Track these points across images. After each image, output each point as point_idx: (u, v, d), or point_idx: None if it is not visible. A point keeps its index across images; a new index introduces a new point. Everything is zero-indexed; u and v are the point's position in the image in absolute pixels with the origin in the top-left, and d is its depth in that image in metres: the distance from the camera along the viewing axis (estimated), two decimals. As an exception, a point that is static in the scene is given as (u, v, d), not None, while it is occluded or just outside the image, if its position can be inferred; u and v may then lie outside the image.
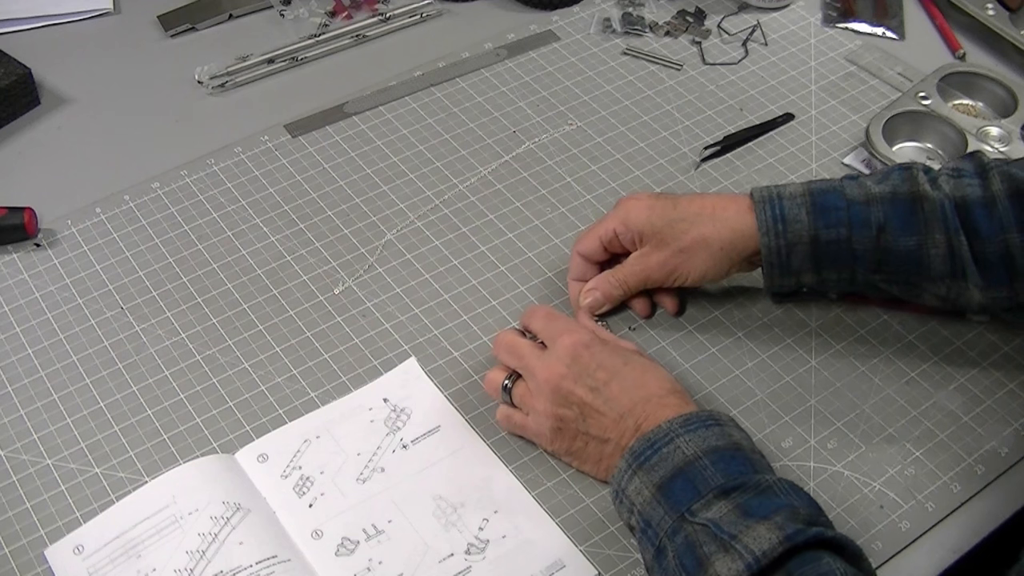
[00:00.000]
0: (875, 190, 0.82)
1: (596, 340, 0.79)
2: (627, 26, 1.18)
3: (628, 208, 0.86)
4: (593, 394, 0.76)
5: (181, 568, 0.74)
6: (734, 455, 0.71)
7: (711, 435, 0.72)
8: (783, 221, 0.82)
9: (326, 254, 0.95)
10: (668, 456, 0.71)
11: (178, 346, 0.88)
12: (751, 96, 1.11)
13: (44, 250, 0.95)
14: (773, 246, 0.83)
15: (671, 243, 0.85)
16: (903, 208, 0.81)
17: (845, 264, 0.83)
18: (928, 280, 0.82)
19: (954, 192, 0.81)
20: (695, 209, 0.85)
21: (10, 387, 0.85)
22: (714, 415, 0.74)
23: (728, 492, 0.68)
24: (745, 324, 0.90)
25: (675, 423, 0.72)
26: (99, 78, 1.12)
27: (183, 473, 0.79)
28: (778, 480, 0.70)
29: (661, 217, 0.85)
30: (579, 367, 0.77)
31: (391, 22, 1.18)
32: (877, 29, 1.18)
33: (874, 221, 0.81)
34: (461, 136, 1.06)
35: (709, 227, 0.84)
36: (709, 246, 0.84)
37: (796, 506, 0.68)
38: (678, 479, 0.70)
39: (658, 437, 0.72)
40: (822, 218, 0.82)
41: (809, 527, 0.66)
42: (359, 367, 0.87)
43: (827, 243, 0.82)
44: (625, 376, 0.77)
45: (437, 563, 0.75)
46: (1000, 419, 0.84)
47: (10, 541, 0.76)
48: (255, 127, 1.06)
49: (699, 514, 0.68)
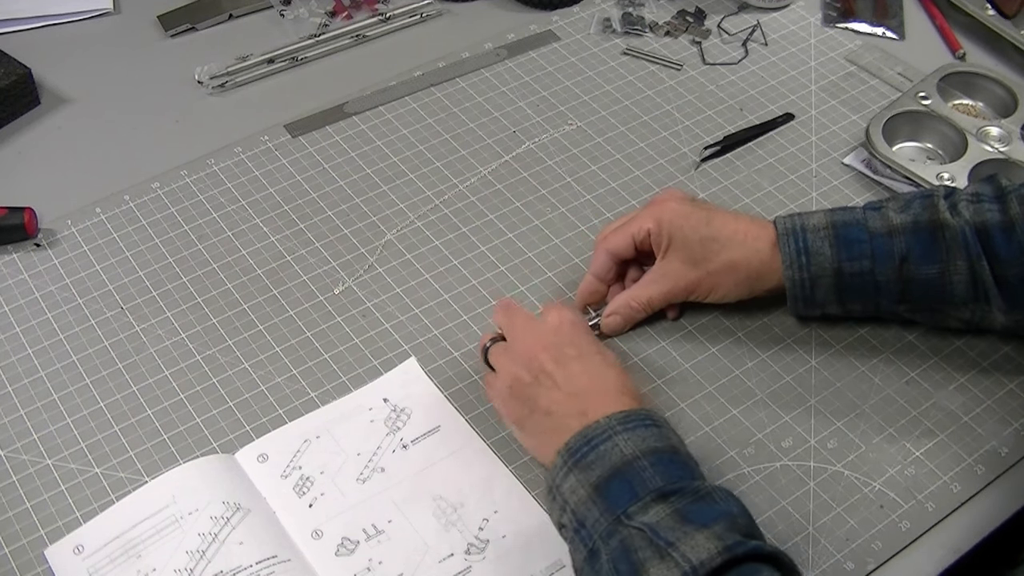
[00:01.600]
0: (896, 221, 0.82)
1: (583, 323, 0.81)
2: (627, 26, 1.18)
3: (664, 209, 0.86)
4: (555, 364, 0.76)
5: (181, 568, 0.74)
6: (672, 458, 0.70)
7: (650, 436, 0.71)
8: (807, 254, 0.83)
9: (326, 254, 0.95)
10: (606, 454, 0.70)
11: (178, 346, 0.88)
12: (751, 96, 1.11)
13: (44, 250, 0.95)
14: (797, 279, 0.83)
15: (700, 263, 0.85)
16: (924, 237, 0.81)
17: (869, 296, 0.84)
18: (951, 306, 0.83)
19: (974, 218, 0.81)
20: (728, 231, 0.84)
21: (10, 387, 0.85)
22: (652, 415, 0.73)
23: (667, 496, 0.67)
24: (745, 324, 0.90)
25: (614, 419, 0.72)
26: (99, 78, 1.12)
27: (183, 473, 0.79)
28: (716, 487, 0.69)
29: (695, 231, 0.84)
30: (556, 336, 0.78)
31: (391, 22, 1.18)
32: (877, 29, 1.18)
33: (897, 252, 0.82)
34: (461, 136, 1.06)
35: (739, 253, 0.84)
36: (736, 272, 0.85)
37: (735, 515, 0.67)
38: (615, 479, 0.69)
39: (596, 434, 0.71)
40: (845, 251, 0.82)
41: (748, 539, 0.65)
42: (359, 367, 0.87)
43: (851, 276, 0.82)
44: (591, 361, 0.77)
45: (437, 563, 0.75)
46: (1000, 419, 0.84)
47: (10, 541, 0.76)
48: (255, 127, 1.06)
49: (636, 517, 0.67)
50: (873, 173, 1.01)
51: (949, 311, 0.84)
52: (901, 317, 0.86)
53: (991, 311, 0.82)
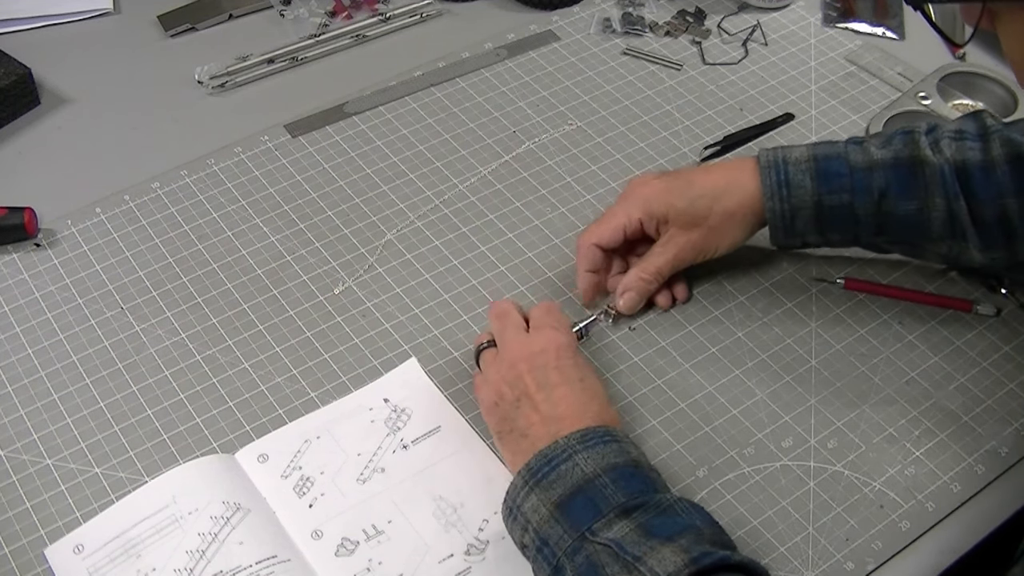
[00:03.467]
0: (877, 156, 0.83)
1: (572, 348, 0.79)
2: (627, 26, 1.18)
3: (644, 195, 0.86)
4: (537, 388, 0.76)
5: (181, 568, 0.74)
6: (634, 473, 0.70)
7: (610, 452, 0.71)
8: (788, 186, 0.84)
9: (326, 254, 0.95)
10: (566, 473, 0.70)
11: (178, 346, 0.88)
12: (751, 96, 1.11)
13: (44, 250, 0.95)
14: (778, 210, 0.84)
15: (700, 222, 0.85)
16: (904, 173, 0.82)
17: (848, 227, 0.85)
18: (929, 241, 0.84)
19: (955, 156, 0.82)
20: (711, 184, 0.86)
21: (10, 387, 0.85)
22: (611, 431, 0.73)
23: (630, 511, 0.67)
24: (745, 324, 0.90)
25: (573, 438, 0.71)
26: (99, 78, 1.12)
27: (183, 473, 0.79)
28: (678, 499, 0.69)
29: (681, 197, 0.85)
30: (542, 359, 0.77)
31: (391, 22, 1.18)
32: (877, 29, 1.18)
33: (876, 187, 0.83)
34: (461, 136, 1.06)
35: (731, 200, 0.85)
36: (734, 218, 0.86)
37: (700, 527, 0.67)
38: (578, 497, 0.69)
39: (555, 453, 0.71)
40: (825, 184, 0.83)
41: (716, 550, 0.65)
42: (359, 367, 0.87)
43: (830, 208, 0.84)
44: (574, 389, 0.76)
45: (437, 563, 0.75)
46: (1000, 419, 0.84)
47: (10, 541, 0.76)
48: (255, 127, 1.06)
49: (600, 533, 0.66)
50: (873, 173, 1.01)
51: (926, 245, 0.85)
52: (880, 248, 0.88)
53: (968, 248, 0.83)
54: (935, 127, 0.85)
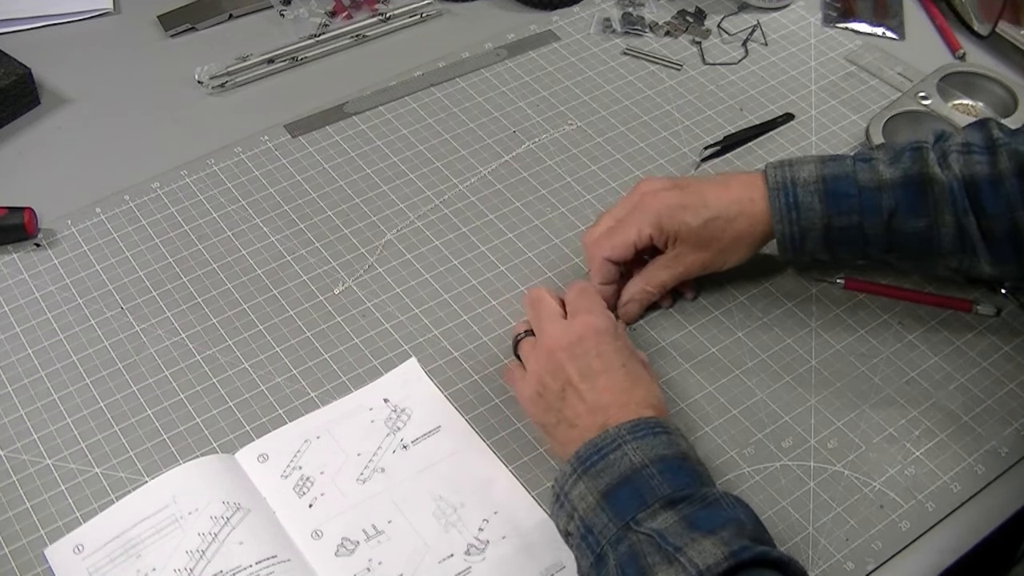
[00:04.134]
0: (886, 175, 0.83)
1: (611, 331, 0.79)
2: (627, 26, 1.18)
3: (657, 210, 0.85)
4: (581, 377, 0.76)
5: (181, 568, 0.74)
6: (681, 465, 0.70)
7: (659, 443, 0.71)
8: (797, 209, 0.84)
9: (326, 254, 0.95)
10: (615, 462, 0.70)
11: (178, 346, 0.88)
12: (751, 96, 1.11)
13: (44, 250, 0.95)
14: (787, 232, 0.84)
15: (710, 244, 0.85)
16: (913, 192, 0.82)
17: (857, 246, 0.85)
18: (939, 256, 0.84)
19: (963, 171, 0.82)
20: (725, 204, 0.85)
21: (10, 387, 0.85)
22: (662, 423, 0.73)
23: (674, 503, 0.67)
24: (745, 324, 0.90)
25: (623, 428, 0.72)
26: (99, 78, 1.12)
27: (183, 473, 0.79)
28: (724, 494, 0.69)
29: (695, 217, 0.85)
30: (581, 347, 0.77)
31: (391, 22, 1.18)
32: (877, 29, 1.18)
33: (885, 207, 0.82)
34: (461, 136, 1.06)
35: (742, 223, 0.85)
36: (745, 240, 0.86)
37: (742, 521, 0.67)
38: (624, 487, 0.69)
39: (605, 443, 0.71)
40: (835, 206, 0.83)
41: (755, 545, 0.65)
42: (359, 367, 0.87)
43: (840, 229, 0.84)
44: (617, 375, 0.76)
45: (437, 563, 0.75)
46: (1000, 419, 0.84)
47: (10, 541, 0.76)
48: (255, 127, 1.06)
49: (644, 523, 0.67)
50: (873, 173, 1.01)
51: (936, 261, 0.85)
52: (889, 264, 0.88)
53: (979, 262, 0.83)
54: (942, 136, 0.85)
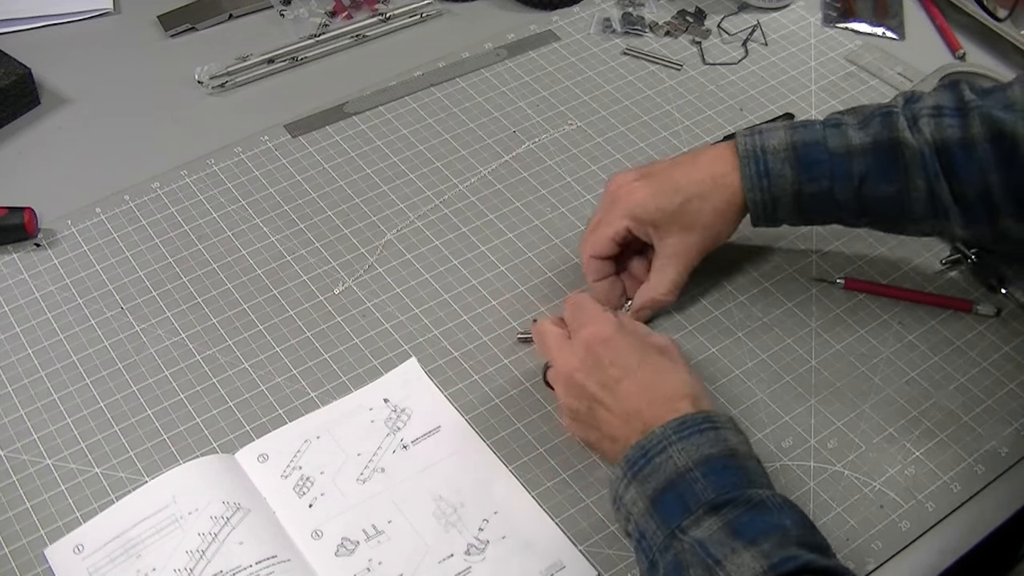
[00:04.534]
0: (856, 141, 0.83)
1: (617, 333, 0.77)
2: (627, 26, 1.18)
3: (628, 202, 0.85)
4: (604, 391, 0.75)
5: (181, 568, 0.74)
6: (726, 465, 0.70)
7: (705, 442, 0.70)
8: (768, 176, 0.84)
9: (326, 254, 0.95)
10: (660, 466, 0.70)
11: (178, 346, 0.88)
12: (751, 96, 1.11)
13: (44, 250, 0.95)
14: (759, 200, 0.85)
15: (694, 225, 0.85)
16: (883, 157, 0.82)
17: (829, 211, 0.85)
18: (911, 221, 0.85)
19: (934, 135, 0.82)
20: (695, 182, 0.85)
21: (10, 387, 0.85)
22: (711, 417, 0.72)
23: (718, 508, 0.67)
24: (745, 324, 0.90)
25: (669, 428, 0.71)
26: (99, 78, 1.12)
27: (183, 473, 0.79)
28: (771, 495, 0.68)
29: (669, 201, 0.84)
30: (592, 361, 0.76)
31: (391, 22, 1.18)
32: (877, 29, 1.18)
33: (855, 173, 0.83)
34: (461, 136, 1.06)
35: (719, 198, 0.85)
36: (724, 215, 0.86)
37: (787, 526, 0.66)
38: (669, 492, 0.69)
39: (651, 444, 0.71)
40: (805, 172, 0.83)
41: (800, 553, 0.64)
42: (359, 367, 0.87)
43: (810, 195, 0.84)
44: (638, 375, 0.75)
45: (437, 563, 0.75)
46: (1000, 419, 0.84)
47: (10, 541, 0.76)
48: (255, 127, 1.06)
49: (689, 531, 0.67)
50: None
51: (908, 225, 0.86)
52: (861, 226, 0.88)
53: (950, 226, 0.84)
54: (912, 98, 0.85)
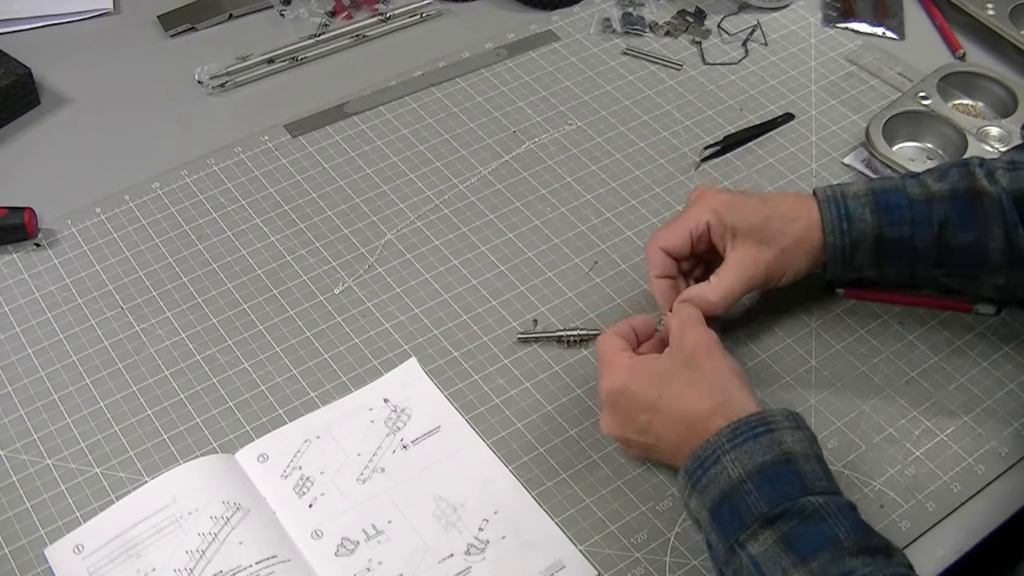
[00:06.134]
0: (935, 188, 0.83)
1: (628, 379, 0.76)
2: (627, 26, 1.18)
3: (716, 201, 0.84)
4: (642, 435, 0.76)
5: (181, 568, 0.74)
6: (780, 472, 0.68)
7: (758, 448, 0.69)
8: (848, 220, 0.83)
9: (326, 254, 0.95)
10: (715, 478, 0.70)
11: (178, 346, 0.88)
12: (751, 96, 1.11)
13: (44, 250, 0.95)
14: (839, 244, 0.84)
15: (773, 242, 0.83)
16: (963, 204, 0.82)
17: (906, 260, 0.85)
18: (987, 272, 0.84)
19: (1011, 185, 0.82)
20: (783, 208, 0.84)
21: (10, 387, 0.85)
22: (765, 419, 0.71)
23: (772, 521, 0.67)
24: (745, 324, 0.90)
25: (722, 436, 0.70)
26: (99, 78, 1.12)
27: (183, 473, 0.79)
28: (825, 502, 0.67)
29: (756, 213, 0.83)
30: (621, 415, 0.77)
31: (391, 22, 1.18)
32: (877, 29, 1.18)
33: (936, 219, 0.82)
34: (461, 136, 1.06)
35: (801, 225, 0.84)
36: (806, 244, 0.84)
37: (840, 537, 0.65)
38: (725, 505, 0.69)
39: (706, 455, 0.71)
40: (886, 216, 0.83)
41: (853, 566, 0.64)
42: (359, 367, 0.87)
43: (890, 240, 0.83)
44: (663, 411, 0.75)
45: (437, 563, 0.75)
46: (1000, 419, 0.84)
47: (10, 541, 0.76)
48: (255, 127, 1.06)
49: (747, 545, 0.67)
50: (873, 173, 1.01)
51: (984, 276, 0.85)
52: (937, 282, 0.87)
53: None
54: (986, 160, 0.85)
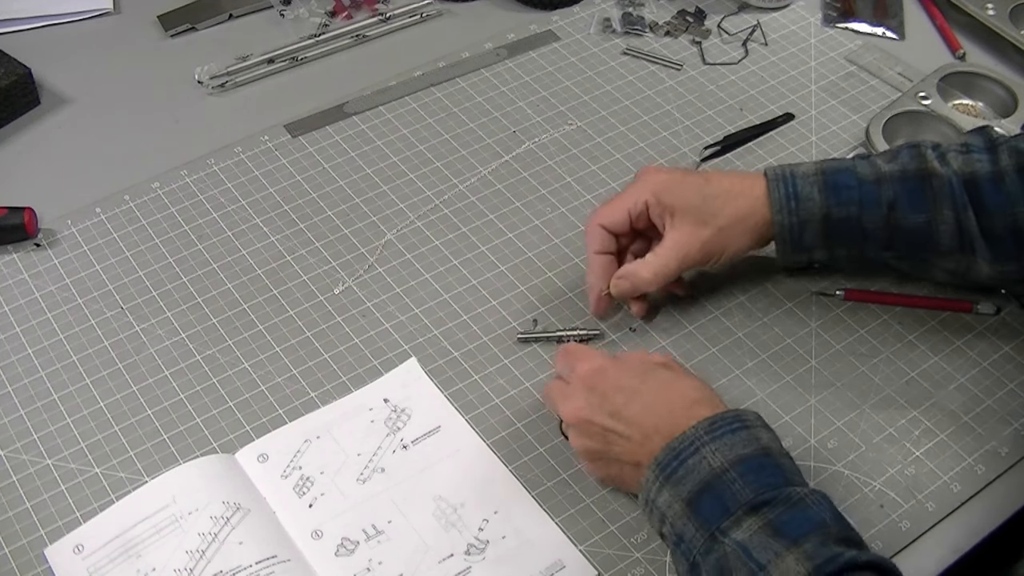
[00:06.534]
0: (885, 169, 0.83)
1: (610, 361, 0.77)
2: (627, 26, 1.18)
3: (656, 180, 0.84)
4: (614, 419, 0.74)
5: (181, 568, 0.74)
6: (763, 463, 0.69)
7: (738, 441, 0.69)
8: (796, 199, 0.83)
9: (326, 254, 0.95)
10: (694, 468, 0.69)
11: (178, 346, 0.88)
12: (751, 96, 1.11)
13: (44, 250, 0.95)
14: (786, 223, 0.84)
15: (710, 220, 0.83)
16: (912, 186, 0.82)
17: (856, 241, 0.84)
18: (937, 255, 0.83)
19: (963, 168, 0.82)
20: (725, 186, 0.84)
21: (10, 387, 0.85)
22: (741, 416, 0.72)
23: (758, 508, 0.66)
24: (745, 324, 0.90)
25: (700, 428, 0.70)
26: (99, 78, 1.12)
27: (183, 473, 0.79)
28: (809, 492, 0.68)
29: (696, 192, 0.84)
30: (596, 395, 0.75)
31: (391, 22, 1.18)
32: (877, 29, 1.18)
33: (884, 200, 0.82)
34: (461, 136, 1.06)
35: (743, 203, 0.84)
36: (745, 222, 0.84)
37: (827, 523, 0.66)
38: (706, 494, 0.68)
39: (683, 446, 0.70)
40: (834, 196, 0.83)
41: (841, 550, 0.64)
42: (359, 367, 0.87)
43: (838, 221, 0.83)
44: (644, 395, 0.74)
45: (437, 563, 0.75)
46: (1000, 419, 0.84)
47: (10, 541, 0.76)
48: (255, 127, 1.06)
49: (730, 532, 0.66)
50: (873, 173, 1.01)
51: (935, 260, 0.84)
52: (887, 264, 0.87)
53: (976, 261, 0.83)
54: (939, 144, 0.85)
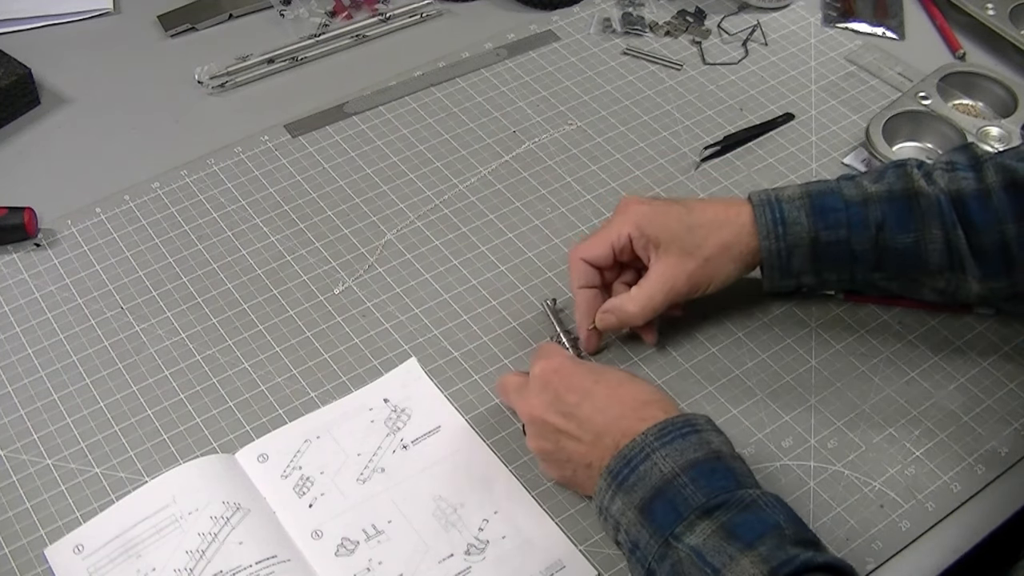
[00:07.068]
0: (872, 189, 0.82)
1: (568, 361, 0.77)
2: (627, 26, 1.18)
3: (639, 212, 0.84)
4: (566, 419, 0.74)
5: (181, 568, 0.74)
6: (714, 467, 0.69)
7: (688, 446, 0.69)
8: (783, 224, 0.82)
9: (326, 254, 0.95)
10: (645, 474, 0.69)
11: (178, 346, 0.88)
12: (751, 96, 1.11)
13: (44, 250, 0.95)
14: (774, 249, 0.83)
15: (695, 251, 0.83)
16: (900, 206, 0.82)
17: (844, 264, 0.83)
18: (926, 274, 0.83)
19: (949, 186, 0.82)
20: (709, 215, 0.84)
21: (10, 387, 0.85)
22: (691, 420, 0.71)
23: (711, 511, 0.66)
24: (745, 324, 0.90)
25: (649, 435, 0.70)
26: (99, 78, 1.12)
27: (183, 473, 0.79)
28: (761, 494, 0.68)
29: (679, 222, 0.83)
30: (550, 394, 0.75)
31: (391, 22, 1.18)
32: (877, 29, 1.18)
33: (872, 221, 0.82)
34: (461, 136, 1.06)
35: (728, 232, 0.83)
36: (731, 251, 0.83)
37: (781, 525, 0.66)
38: (658, 500, 0.68)
39: (634, 453, 0.70)
40: (821, 220, 0.82)
41: (797, 552, 0.64)
42: (359, 367, 0.87)
43: (827, 244, 0.82)
44: (597, 395, 0.74)
45: (437, 563, 0.75)
46: (1000, 419, 0.84)
47: (10, 541, 0.76)
48: (255, 127, 1.06)
49: (683, 538, 0.66)
50: (873, 173, 1.01)
51: (924, 279, 0.84)
52: (876, 286, 0.86)
53: (966, 279, 0.82)
54: (924, 162, 0.84)
